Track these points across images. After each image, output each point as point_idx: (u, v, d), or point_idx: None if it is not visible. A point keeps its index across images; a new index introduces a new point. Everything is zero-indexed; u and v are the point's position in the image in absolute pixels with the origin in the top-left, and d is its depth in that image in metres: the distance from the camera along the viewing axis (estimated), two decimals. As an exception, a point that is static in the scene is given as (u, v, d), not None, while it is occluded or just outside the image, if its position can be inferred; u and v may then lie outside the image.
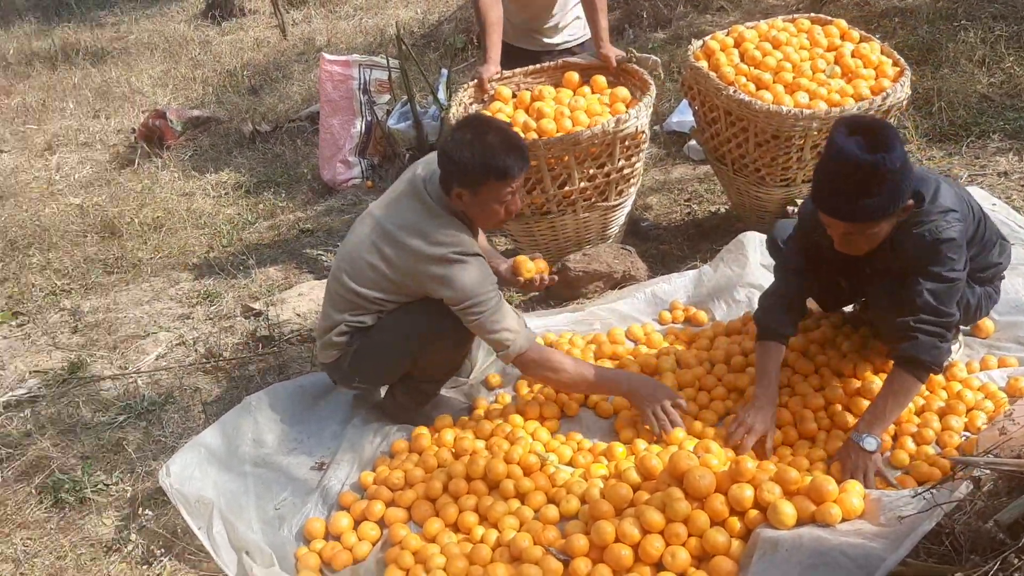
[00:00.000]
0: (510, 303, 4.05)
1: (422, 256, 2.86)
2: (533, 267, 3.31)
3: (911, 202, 2.55)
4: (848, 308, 3.38)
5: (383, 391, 3.35)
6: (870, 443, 2.62)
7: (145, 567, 2.84)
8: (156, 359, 4.10)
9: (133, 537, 2.96)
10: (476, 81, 4.16)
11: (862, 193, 2.46)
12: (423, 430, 3.15)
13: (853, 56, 3.97)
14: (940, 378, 2.97)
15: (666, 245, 4.44)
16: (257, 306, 4.31)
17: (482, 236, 3.45)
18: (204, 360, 3.99)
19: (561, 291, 4.04)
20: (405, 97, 5.77)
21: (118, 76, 8.94)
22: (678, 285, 3.89)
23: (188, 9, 11.20)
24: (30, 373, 4.15)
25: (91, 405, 3.78)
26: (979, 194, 3.86)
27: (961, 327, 3.15)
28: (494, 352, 3.00)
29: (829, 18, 4.19)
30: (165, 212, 5.74)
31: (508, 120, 3.93)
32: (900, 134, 2.87)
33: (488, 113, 3.94)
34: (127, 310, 4.61)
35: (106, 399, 3.82)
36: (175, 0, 11.68)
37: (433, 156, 2.97)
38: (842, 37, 4.09)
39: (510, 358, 2.94)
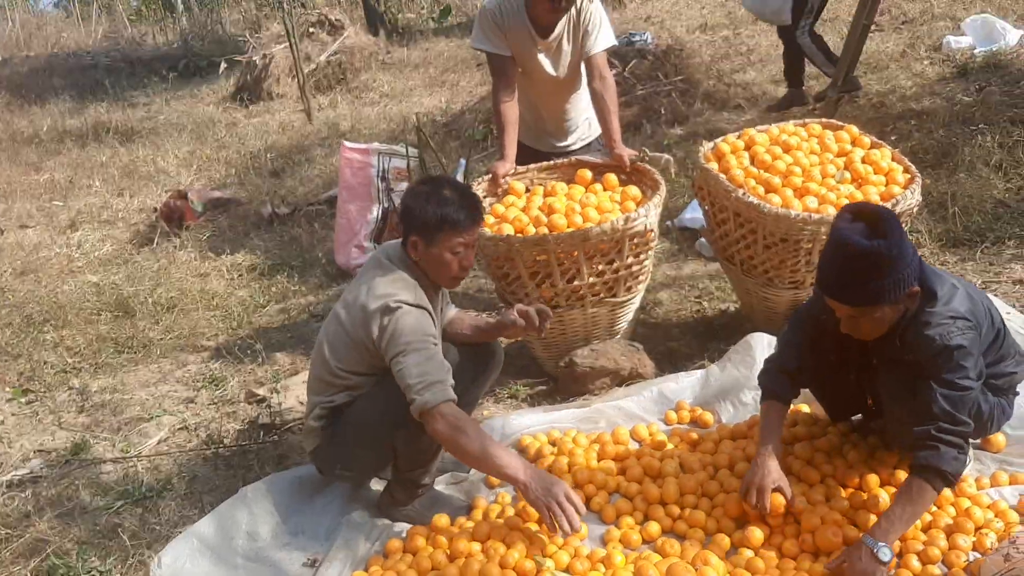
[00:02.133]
0: (515, 397, 4.04)
1: (366, 309, 2.96)
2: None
3: (917, 288, 2.59)
4: (856, 417, 3.32)
5: (377, 485, 3.30)
6: (885, 553, 2.53)
7: (129, 662, 2.78)
8: (158, 443, 4.07)
9: (119, 630, 2.91)
10: (490, 176, 4.22)
11: (863, 278, 2.54)
12: (419, 529, 3.09)
13: (864, 162, 3.98)
14: (948, 494, 2.88)
15: (674, 342, 4.41)
16: (261, 392, 4.29)
17: (470, 314, 3.45)
18: (204, 446, 3.97)
19: (568, 386, 4.02)
20: (422, 185, 5.83)
21: (145, 155, 9.15)
22: (685, 384, 3.85)
23: (218, 92, 11.49)
24: (34, 452, 4.13)
25: (90, 488, 3.75)
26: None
27: (971, 440, 3.08)
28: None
29: (840, 123, 4.22)
30: (179, 292, 5.78)
31: (520, 213, 3.98)
32: (902, 224, 2.93)
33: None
34: (134, 391, 4.60)
35: (106, 483, 3.79)
36: (207, 83, 12.00)
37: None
38: (853, 143, 4.10)
39: (417, 411, 2.82)
